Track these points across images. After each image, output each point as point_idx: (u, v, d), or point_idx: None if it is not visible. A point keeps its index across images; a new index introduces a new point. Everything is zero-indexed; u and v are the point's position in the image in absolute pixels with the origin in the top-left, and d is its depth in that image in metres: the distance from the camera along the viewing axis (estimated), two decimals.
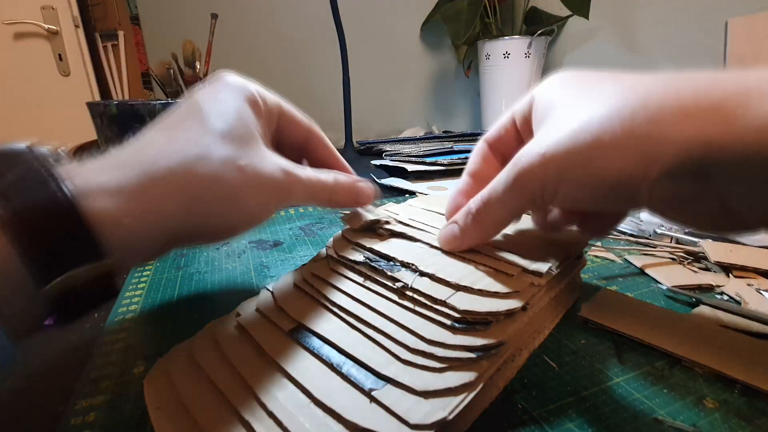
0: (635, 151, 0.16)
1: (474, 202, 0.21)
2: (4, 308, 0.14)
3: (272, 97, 0.24)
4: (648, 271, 0.30)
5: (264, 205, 0.20)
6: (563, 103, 0.19)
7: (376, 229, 0.25)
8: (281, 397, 0.16)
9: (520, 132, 0.24)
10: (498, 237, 0.25)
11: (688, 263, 0.31)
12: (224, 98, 0.21)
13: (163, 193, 0.17)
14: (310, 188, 0.22)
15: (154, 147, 0.18)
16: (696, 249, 0.32)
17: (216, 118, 0.20)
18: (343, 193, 0.24)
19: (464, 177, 0.25)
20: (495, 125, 0.25)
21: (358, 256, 0.23)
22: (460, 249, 0.22)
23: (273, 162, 0.20)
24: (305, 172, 0.22)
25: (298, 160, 0.26)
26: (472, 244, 0.22)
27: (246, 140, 0.20)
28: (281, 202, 0.21)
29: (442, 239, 0.23)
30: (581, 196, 0.18)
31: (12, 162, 0.15)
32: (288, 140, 0.25)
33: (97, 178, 0.16)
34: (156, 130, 0.19)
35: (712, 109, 0.14)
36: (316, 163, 0.27)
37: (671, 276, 0.29)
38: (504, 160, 0.25)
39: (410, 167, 0.64)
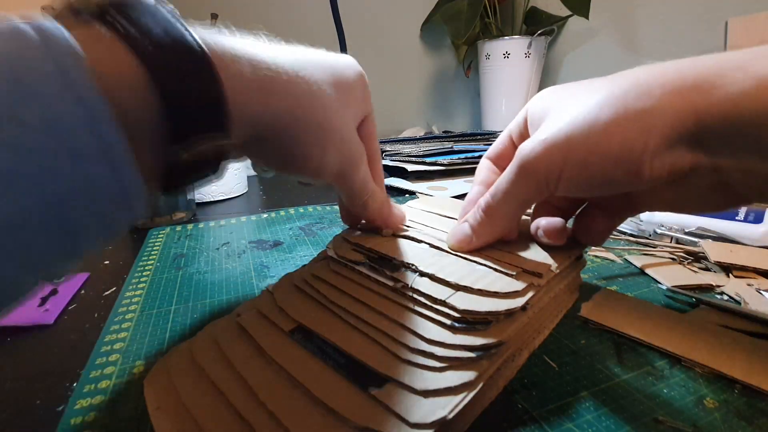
0: (633, 125, 0.16)
1: (483, 199, 0.22)
2: (144, 157, 0.14)
3: (370, 102, 0.25)
4: (648, 271, 0.30)
5: (329, 156, 0.21)
6: (557, 104, 0.20)
7: (378, 230, 0.25)
8: (281, 396, 0.16)
9: (517, 146, 0.24)
10: None
11: (688, 263, 0.31)
12: (350, 73, 0.23)
13: (285, 89, 0.18)
14: (362, 180, 0.23)
15: (299, 52, 0.20)
16: (696, 249, 0.32)
17: (343, 76, 0.22)
18: (375, 206, 0.25)
19: (475, 187, 0.26)
20: (494, 143, 0.26)
21: (358, 257, 0.23)
22: (472, 248, 0.22)
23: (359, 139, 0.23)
24: (368, 174, 0.24)
25: None
26: (484, 243, 0.22)
27: (353, 108, 0.22)
28: (340, 171, 0.22)
29: (453, 239, 0.23)
30: (585, 178, 0.18)
31: (157, 11, 0.15)
32: None
33: (238, 54, 0.16)
34: (296, 47, 0.21)
35: (694, 84, 0.16)
36: None
37: (671, 276, 0.29)
38: None
39: (410, 167, 0.64)
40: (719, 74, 0.15)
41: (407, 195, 0.56)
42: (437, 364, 0.16)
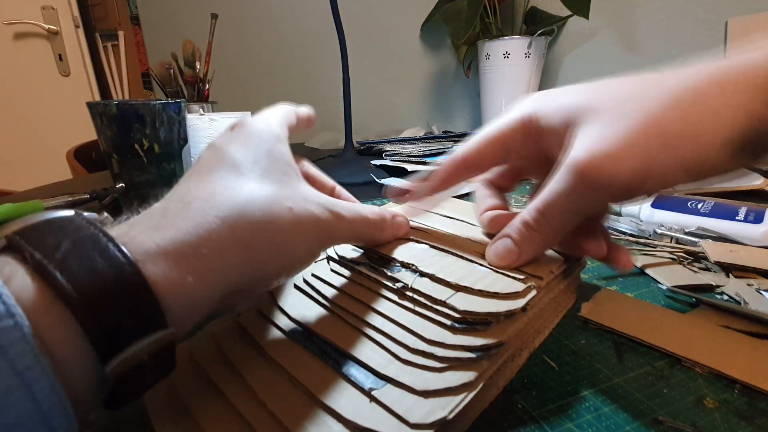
0: (712, 134, 0.17)
1: (529, 213, 0.21)
2: (71, 387, 0.12)
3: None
4: (648, 271, 0.30)
5: (310, 246, 0.19)
6: (600, 102, 0.19)
7: None
8: (281, 396, 0.16)
9: (506, 148, 0.23)
10: None
11: (688, 263, 0.31)
12: (253, 141, 0.20)
13: (219, 246, 0.15)
14: (354, 226, 0.21)
15: (198, 199, 0.16)
16: (696, 249, 0.32)
17: (251, 161, 0.19)
18: (393, 230, 0.24)
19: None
20: (470, 145, 0.24)
21: (359, 257, 0.23)
22: (519, 263, 0.21)
23: (316, 201, 0.19)
24: (349, 209, 0.21)
25: None
26: (532, 257, 0.21)
27: (285, 178, 0.19)
28: (325, 242, 0.20)
29: (495, 256, 0.21)
30: (659, 186, 0.18)
31: (64, 229, 0.14)
32: None
33: (149, 239, 0.14)
34: (192, 182, 0.18)
35: (756, 89, 0.16)
36: None
37: (671, 276, 0.29)
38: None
39: (410, 167, 0.64)
40: None
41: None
42: (437, 365, 0.16)
